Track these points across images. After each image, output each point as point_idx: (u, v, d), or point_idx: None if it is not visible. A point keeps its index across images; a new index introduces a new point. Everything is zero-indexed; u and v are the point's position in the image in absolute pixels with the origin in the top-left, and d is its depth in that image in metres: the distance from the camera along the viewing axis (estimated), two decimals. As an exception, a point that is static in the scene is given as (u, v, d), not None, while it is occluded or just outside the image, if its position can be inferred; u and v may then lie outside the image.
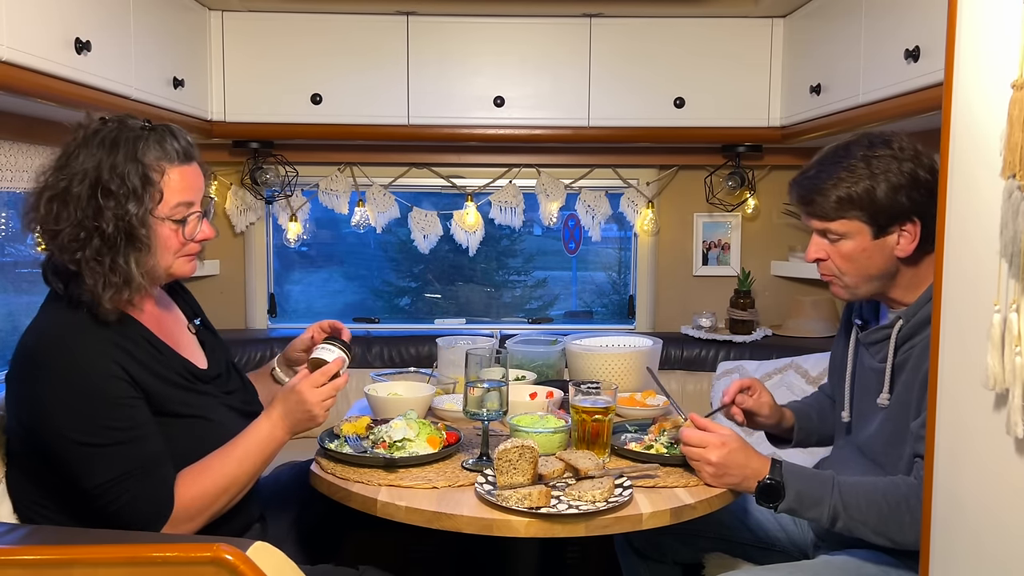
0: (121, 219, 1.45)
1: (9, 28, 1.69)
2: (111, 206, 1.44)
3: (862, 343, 1.75)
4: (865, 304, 1.80)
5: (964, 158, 1.08)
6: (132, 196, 1.45)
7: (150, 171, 1.48)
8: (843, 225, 1.61)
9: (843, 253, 1.63)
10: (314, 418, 1.60)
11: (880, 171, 1.58)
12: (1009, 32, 0.97)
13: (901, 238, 1.60)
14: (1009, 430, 0.96)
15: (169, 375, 1.54)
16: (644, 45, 2.89)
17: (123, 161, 1.46)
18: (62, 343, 1.44)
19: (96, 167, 1.45)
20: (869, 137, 1.64)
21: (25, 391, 1.46)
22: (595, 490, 1.54)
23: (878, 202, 1.57)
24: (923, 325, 1.60)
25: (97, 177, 1.45)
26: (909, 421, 1.59)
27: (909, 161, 1.58)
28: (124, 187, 1.45)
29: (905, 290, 1.66)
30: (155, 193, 1.48)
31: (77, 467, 1.42)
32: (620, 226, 3.49)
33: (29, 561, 1.16)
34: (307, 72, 2.86)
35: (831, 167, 1.62)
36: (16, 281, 2.63)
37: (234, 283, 3.31)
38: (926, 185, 1.57)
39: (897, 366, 1.65)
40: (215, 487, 1.50)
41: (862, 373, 1.76)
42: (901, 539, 1.53)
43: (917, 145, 1.61)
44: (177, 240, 1.54)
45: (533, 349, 2.66)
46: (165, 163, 1.51)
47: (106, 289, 1.45)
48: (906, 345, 1.63)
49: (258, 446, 1.56)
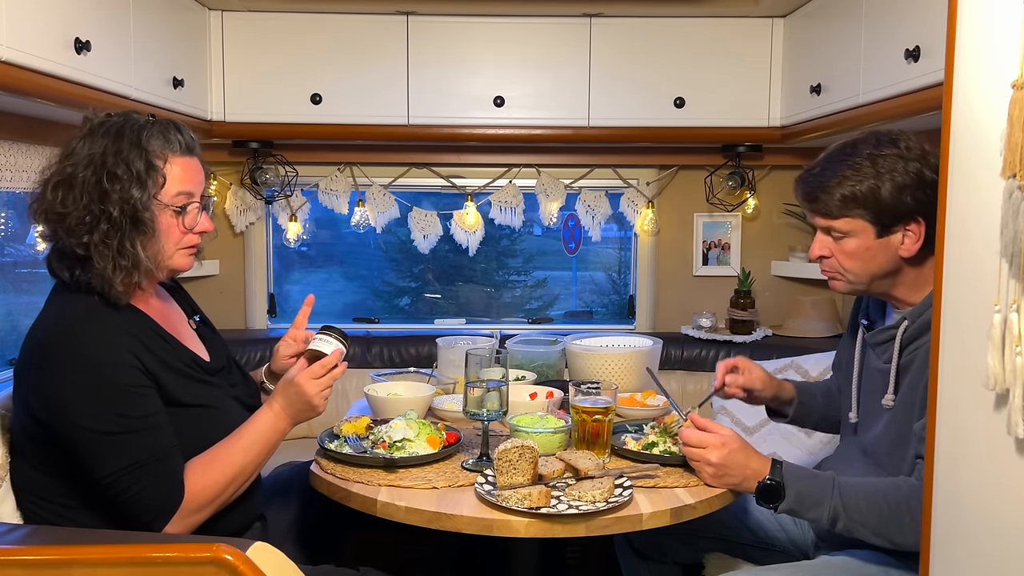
0: (127, 203, 1.48)
1: (9, 28, 1.69)
2: (116, 190, 1.47)
3: (868, 344, 1.75)
4: (872, 304, 1.80)
5: (964, 158, 1.08)
6: (136, 181, 1.48)
7: (153, 158, 1.51)
8: (847, 223, 1.61)
9: (846, 251, 1.63)
10: (314, 408, 1.62)
11: (886, 170, 1.57)
12: (1009, 32, 0.97)
13: (905, 238, 1.59)
14: (1009, 430, 0.96)
15: (178, 365, 1.55)
16: (644, 45, 2.89)
17: (127, 147, 1.49)
18: (73, 333, 1.45)
19: (102, 153, 1.49)
20: (876, 135, 1.63)
21: (37, 381, 1.46)
22: (595, 490, 1.54)
23: (882, 201, 1.57)
24: (928, 326, 1.60)
25: (103, 162, 1.48)
26: (913, 422, 1.59)
27: (915, 161, 1.57)
28: (129, 172, 1.48)
29: (910, 289, 1.65)
30: (158, 178, 1.51)
31: (89, 456, 1.43)
32: (620, 226, 3.49)
33: (29, 561, 1.16)
34: (307, 72, 2.86)
35: (837, 165, 1.61)
36: (16, 281, 2.63)
37: (234, 283, 3.31)
38: (932, 185, 1.55)
39: (902, 367, 1.64)
40: (223, 477, 1.51)
41: (868, 374, 1.76)
42: (901, 541, 1.52)
43: (924, 145, 1.59)
44: (178, 229, 1.56)
45: (533, 349, 2.66)
46: (168, 152, 1.54)
47: (116, 272, 1.47)
48: (911, 346, 1.63)
49: (262, 436, 1.58)
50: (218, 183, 3.19)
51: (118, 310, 1.51)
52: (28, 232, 2.52)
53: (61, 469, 1.48)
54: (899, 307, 1.69)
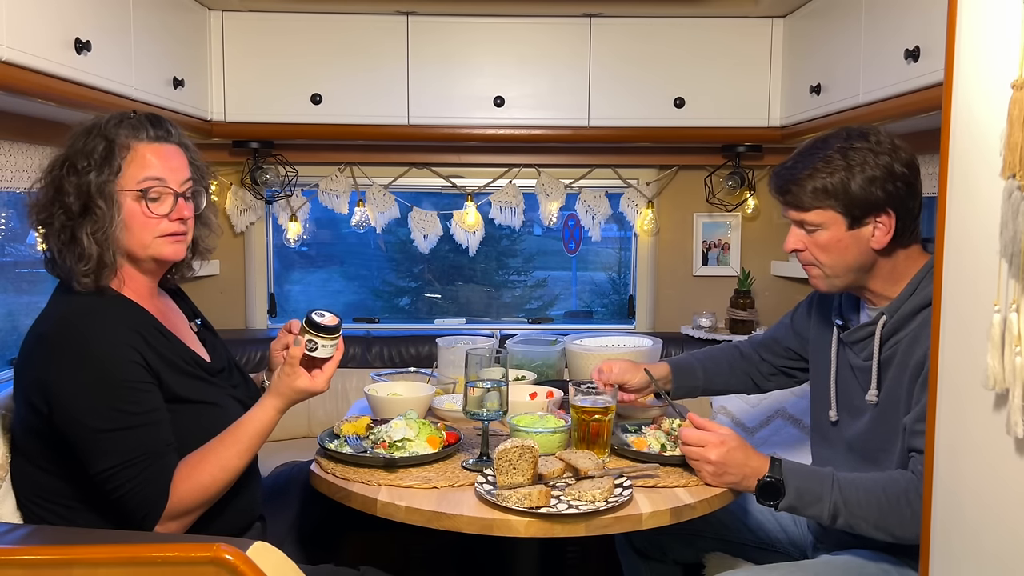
0: (81, 189, 1.49)
1: (9, 28, 1.69)
2: (73, 180, 1.49)
3: (844, 342, 1.76)
4: (845, 302, 1.81)
5: (964, 158, 1.08)
6: (94, 167, 1.49)
7: (116, 145, 1.52)
8: (818, 215, 1.63)
9: (819, 243, 1.65)
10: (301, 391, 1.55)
11: (856, 163, 1.60)
12: (1009, 32, 0.97)
13: (876, 230, 1.62)
14: (1009, 430, 0.96)
15: (179, 363, 1.55)
16: (644, 45, 2.89)
17: (92, 139, 1.51)
18: (75, 327, 1.46)
19: (71, 147, 1.52)
20: (847, 130, 1.66)
21: (39, 375, 1.46)
22: (595, 490, 1.54)
23: (852, 193, 1.59)
24: (907, 320, 1.62)
25: (67, 156, 1.51)
26: (899, 418, 1.60)
27: (886, 155, 1.60)
28: (88, 161, 1.50)
29: (884, 283, 1.67)
30: (116, 163, 1.51)
31: (87, 451, 1.43)
32: (620, 226, 3.49)
33: (29, 561, 1.16)
34: (307, 72, 2.86)
35: (808, 158, 1.65)
36: (16, 281, 2.63)
37: (234, 283, 3.31)
38: (902, 178, 1.59)
39: (883, 362, 1.66)
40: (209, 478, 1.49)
41: (846, 372, 1.77)
42: (902, 533, 1.53)
43: (895, 140, 1.63)
44: (144, 214, 1.53)
45: (533, 349, 2.66)
46: (133, 140, 1.54)
47: (77, 263, 1.48)
48: (891, 340, 1.65)
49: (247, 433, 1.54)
50: (218, 183, 3.19)
51: (120, 306, 1.51)
52: (28, 232, 2.52)
53: (61, 466, 1.48)
54: (874, 302, 1.71)
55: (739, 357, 2.09)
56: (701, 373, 2.08)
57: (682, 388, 2.07)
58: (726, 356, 2.11)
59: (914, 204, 1.62)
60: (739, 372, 2.08)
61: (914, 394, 1.57)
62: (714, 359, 2.11)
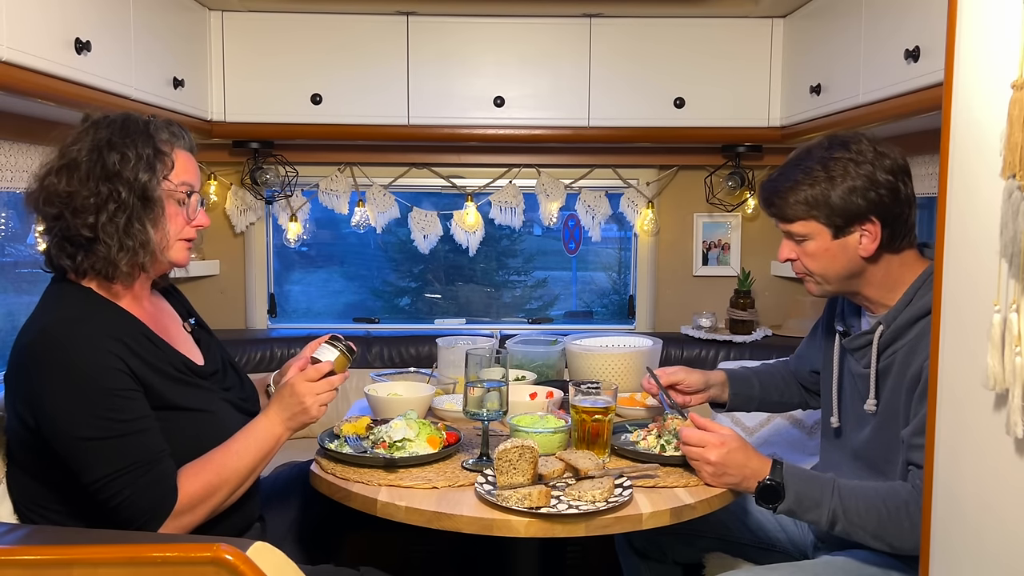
0: (135, 184, 1.50)
1: (9, 28, 1.69)
2: (126, 172, 1.50)
3: (846, 349, 1.76)
4: (847, 308, 1.81)
5: (964, 158, 1.08)
6: (145, 164, 1.52)
7: (161, 144, 1.55)
8: (803, 226, 1.66)
9: (808, 253, 1.68)
10: (307, 410, 1.60)
11: (837, 173, 1.61)
12: (1009, 32, 0.97)
13: (863, 238, 1.63)
14: (1009, 430, 0.96)
15: (167, 369, 1.54)
16: (644, 45, 2.89)
17: (135, 135, 1.54)
18: (56, 337, 1.44)
19: (108, 140, 1.52)
20: (831, 139, 1.68)
21: (25, 388, 1.45)
22: (595, 490, 1.54)
23: (833, 204, 1.61)
24: (904, 330, 1.62)
25: (110, 146, 1.51)
26: (899, 428, 1.60)
27: (868, 163, 1.61)
28: (137, 156, 1.51)
29: (879, 289, 1.68)
30: (167, 162, 1.55)
31: (77, 461, 1.42)
32: (620, 226, 3.49)
33: (29, 561, 1.16)
34: (307, 72, 2.86)
35: (792, 171, 1.67)
36: (16, 281, 2.63)
37: (234, 283, 3.31)
38: (886, 185, 1.60)
39: (881, 371, 1.67)
40: (217, 479, 1.50)
41: (849, 378, 1.77)
42: (900, 545, 1.53)
43: (879, 147, 1.63)
44: (182, 217, 1.59)
45: (533, 349, 2.66)
46: (174, 142, 1.59)
47: (122, 253, 1.49)
48: (888, 350, 1.65)
49: (256, 442, 1.57)
50: (218, 183, 3.19)
51: (105, 313, 1.50)
52: (28, 232, 2.52)
53: (53, 476, 1.47)
54: (873, 309, 1.71)
55: (790, 373, 2.07)
56: (757, 383, 2.05)
57: (739, 396, 2.05)
58: (779, 370, 2.09)
59: (902, 210, 1.62)
60: (793, 386, 2.06)
61: (912, 406, 1.57)
62: (769, 372, 2.08)
